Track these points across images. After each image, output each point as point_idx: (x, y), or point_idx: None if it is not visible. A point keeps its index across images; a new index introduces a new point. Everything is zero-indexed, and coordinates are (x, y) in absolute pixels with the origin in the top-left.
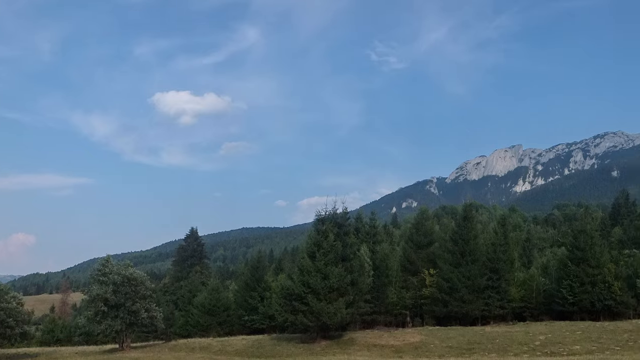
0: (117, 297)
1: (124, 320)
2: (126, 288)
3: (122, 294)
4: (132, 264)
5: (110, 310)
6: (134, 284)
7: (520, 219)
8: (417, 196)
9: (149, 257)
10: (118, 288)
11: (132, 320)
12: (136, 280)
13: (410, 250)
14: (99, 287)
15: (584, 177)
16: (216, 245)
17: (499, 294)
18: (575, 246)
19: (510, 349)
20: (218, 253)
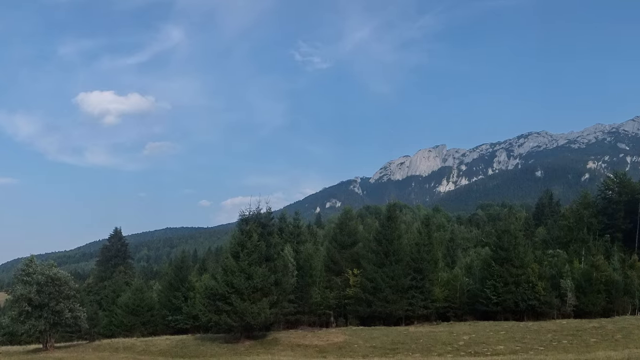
0: (41, 297)
1: (48, 320)
2: (50, 288)
3: (45, 294)
4: (56, 264)
5: (34, 310)
6: (57, 284)
7: (444, 219)
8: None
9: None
10: (42, 288)
11: (56, 320)
12: (60, 280)
13: (334, 250)
14: (23, 287)
15: (508, 177)
16: (140, 245)
17: (423, 294)
18: (499, 246)
19: (434, 349)
20: (142, 253)
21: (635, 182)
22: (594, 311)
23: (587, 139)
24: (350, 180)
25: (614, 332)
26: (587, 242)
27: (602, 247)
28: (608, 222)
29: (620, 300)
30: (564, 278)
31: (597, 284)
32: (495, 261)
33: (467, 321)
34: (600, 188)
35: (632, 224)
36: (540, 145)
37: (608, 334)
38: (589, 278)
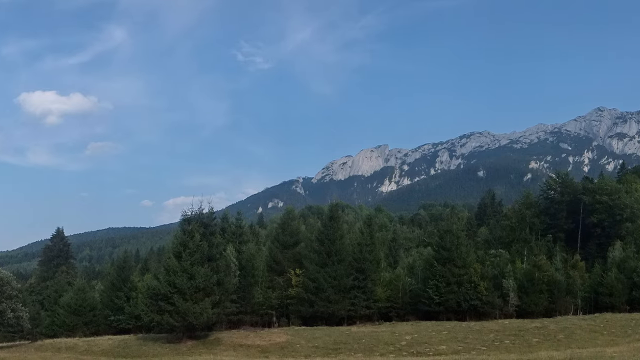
0: None
1: None
2: None
3: None
4: None
5: None
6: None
7: (387, 219)
8: (283, 196)
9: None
10: None
11: None
12: (2, 280)
13: (276, 250)
14: None
15: (450, 177)
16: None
17: (365, 294)
18: (442, 246)
19: (377, 349)
20: (84, 253)
21: (577, 182)
22: (536, 311)
23: (529, 139)
24: (292, 180)
25: (557, 332)
26: (529, 242)
27: (545, 247)
28: (550, 222)
29: (563, 300)
30: (506, 278)
31: (540, 284)
32: (438, 261)
33: (410, 321)
34: (542, 188)
35: (574, 224)
36: (483, 145)
37: (550, 334)
38: (531, 278)
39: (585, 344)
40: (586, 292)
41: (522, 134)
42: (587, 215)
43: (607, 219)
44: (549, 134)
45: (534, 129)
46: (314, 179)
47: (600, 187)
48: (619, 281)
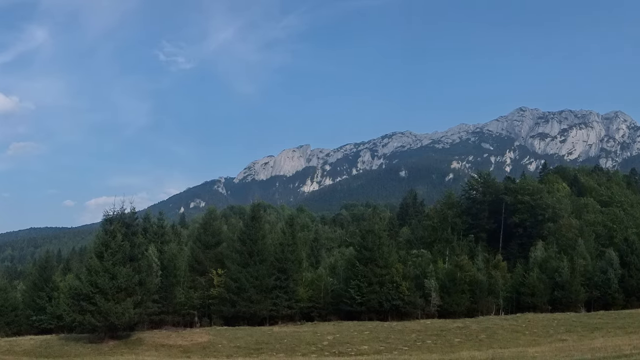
0: None
1: None
2: None
3: None
4: None
5: None
6: None
7: (309, 219)
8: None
9: None
10: None
11: None
12: None
13: (198, 250)
14: None
15: (372, 177)
16: (4, 245)
17: (287, 294)
18: (363, 246)
19: (299, 349)
20: (6, 253)
21: (499, 182)
22: (458, 311)
23: (451, 139)
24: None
25: (478, 332)
26: (451, 242)
27: (467, 247)
28: (472, 222)
29: (485, 300)
30: (428, 278)
31: (461, 284)
32: (360, 261)
33: (332, 321)
34: (464, 188)
35: (496, 224)
36: (405, 145)
37: (472, 334)
38: (453, 278)
39: (507, 344)
40: (508, 292)
41: (444, 134)
42: (509, 215)
43: (529, 219)
44: (471, 134)
45: (456, 128)
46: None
47: (522, 187)
48: (540, 281)
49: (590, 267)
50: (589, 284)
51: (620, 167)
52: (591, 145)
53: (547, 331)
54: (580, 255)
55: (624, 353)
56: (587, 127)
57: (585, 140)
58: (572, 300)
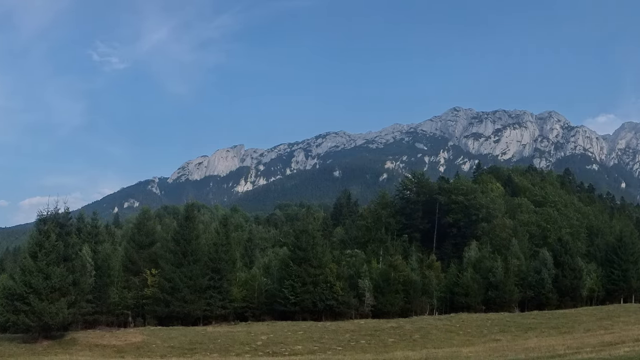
0: None
1: None
2: None
3: None
4: None
5: None
6: None
7: (243, 219)
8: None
9: None
10: None
11: None
12: None
13: (132, 251)
14: None
15: (306, 177)
16: None
17: (221, 294)
18: (297, 246)
19: (232, 349)
20: None
21: (433, 182)
22: (392, 311)
23: (385, 139)
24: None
25: (412, 332)
26: (385, 242)
27: (400, 247)
28: (406, 222)
29: (419, 300)
30: (362, 278)
31: (395, 284)
32: (294, 261)
33: (266, 321)
34: (398, 188)
35: (430, 224)
36: (339, 145)
37: (406, 334)
38: (387, 278)
39: (441, 344)
40: (442, 292)
41: (377, 134)
42: (443, 215)
43: (462, 219)
44: (405, 134)
45: (389, 128)
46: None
47: (456, 187)
48: (474, 281)
49: (524, 267)
50: (523, 284)
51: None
52: (525, 146)
53: (481, 331)
54: (514, 255)
55: (558, 353)
56: (521, 127)
57: (519, 140)
58: (506, 300)
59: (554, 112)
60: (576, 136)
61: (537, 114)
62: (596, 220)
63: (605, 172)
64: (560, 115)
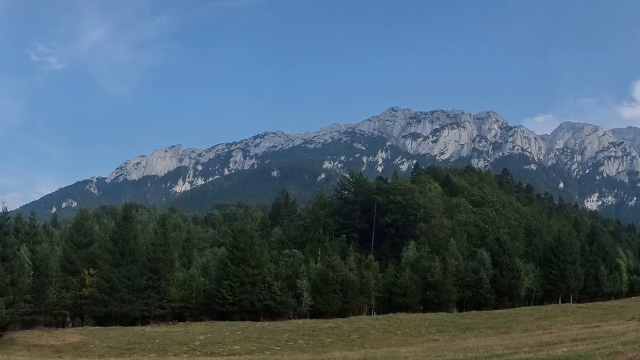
0: None
1: None
2: None
3: None
4: None
5: None
6: None
7: (181, 219)
8: (77, 196)
9: None
10: None
11: None
12: None
13: (70, 250)
14: None
15: (244, 177)
16: None
17: (159, 294)
18: (235, 246)
19: (170, 349)
20: None
21: (371, 182)
22: (330, 311)
23: (323, 139)
24: (86, 180)
25: (350, 332)
26: (323, 242)
27: (339, 247)
28: (344, 222)
29: (357, 300)
30: (300, 278)
31: (333, 284)
32: (232, 261)
33: (204, 321)
34: (336, 188)
35: (368, 224)
36: (277, 145)
37: (344, 334)
38: (325, 278)
39: (379, 344)
40: (380, 292)
41: (316, 134)
42: (381, 215)
43: (400, 219)
44: (343, 134)
45: (327, 129)
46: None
47: (394, 187)
48: (412, 281)
49: (462, 267)
50: (461, 284)
51: (492, 167)
52: (463, 146)
53: (419, 331)
54: (452, 255)
55: (496, 353)
56: (459, 127)
57: (457, 140)
58: (444, 300)
59: (492, 112)
60: (514, 136)
61: (475, 114)
62: (534, 221)
63: (544, 172)
64: (498, 115)
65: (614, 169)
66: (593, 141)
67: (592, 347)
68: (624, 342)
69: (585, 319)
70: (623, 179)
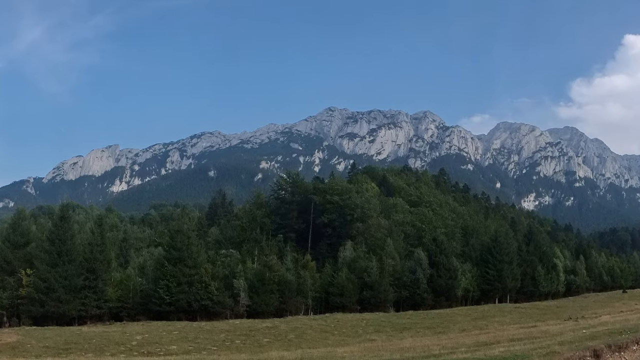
0: None
1: None
2: None
3: None
4: None
5: None
6: None
7: (118, 219)
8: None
9: None
10: None
11: None
12: None
13: (7, 250)
14: None
15: (181, 177)
16: None
17: (96, 294)
18: (172, 246)
19: (107, 349)
20: None
21: (308, 182)
22: (267, 311)
23: (260, 139)
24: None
25: (287, 332)
26: (260, 242)
27: (276, 247)
28: (281, 222)
29: (294, 300)
30: (237, 278)
31: (270, 284)
32: (169, 261)
33: (141, 321)
34: (273, 188)
35: (305, 224)
36: (214, 145)
37: (281, 334)
38: (262, 278)
39: (316, 344)
40: (317, 292)
41: (253, 134)
42: (318, 215)
43: (337, 219)
44: (280, 134)
45: (265, 129)
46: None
47: (331, 187)
48: (349, 281)
49: (399, 267)
50: (398, 284)
51: (429, 167)
52: (400, 145)
53: (356, 331)
54: (389, 255)
55: (433, 353)
56: (396, 127)
57: (394, 140)
58: (381, 300)
59: (429, 112)
60: (451, 136)
61: (412, 114)
62: (471, 220)
63: (480, 172)
64: (435, 115)
65: (550, 169)
66: (530, 141)
67: (529, 347)
68: (560, 342)
69: (522, 319)
70: (560, 179)
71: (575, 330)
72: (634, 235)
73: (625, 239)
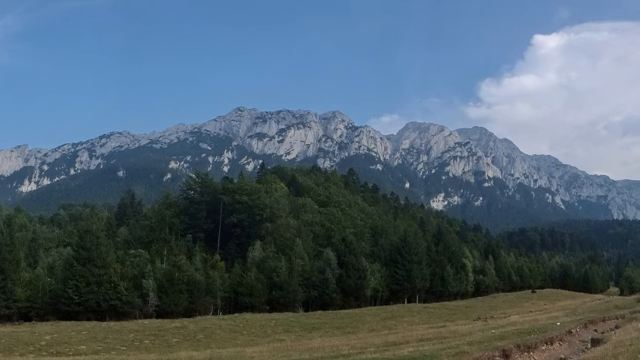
0: None
1: None
2: None
3: None
4: None
5: None
6: None
7: (27, 219)
8: None
9: None
10: None
11: None
12: None
13: None
14: None
15: (90, 177)
16: None
17: (5, 294)
18: (81, 246)
19: (16, 349)
20: None
21: (217, 182)
22: (176, 311)
23: (169, 139)
24: None
25: (196, 332)
26: (169, 242)
27: (185, 247)
28: (190, 222)
29: (203, 300)
30: (146, 278)
31: (179, 284)
32: (78, 261)
33: (50, 321)
34: (182, 188)
35: (214, 224)
36: (123, 145)
37: (190, 334)
38: (171, 278)
39: (225, 344)
40: (226, 292)
41: (162, 134)
42: (227, 215)
43: (247, 219)
44: (189, 134)
45: (173, 129)
46: None
47: (240, 187)
48: (258, 281)
49: (308, 267)
50: (307, 284)
51: (338, 167)
52: (309, 146)
53: (265, 331)
54: (298, 255)
55: (342, 353)
56: (305, 127)
57: (303, 140)
58: (290, 300)
59: (338, 112)
60: (360, 136)
61: (321, 114)
62: (380, 221)
63: (390, 172)
64: (344, 115)
65: (460, 169)
66: (439, 141)
67: (438, 347)
68: (470, 342)
69: (432, 319)
70: (469, 179)
71: (484, 330)
72: (543, 235)
73: (534, 238)
